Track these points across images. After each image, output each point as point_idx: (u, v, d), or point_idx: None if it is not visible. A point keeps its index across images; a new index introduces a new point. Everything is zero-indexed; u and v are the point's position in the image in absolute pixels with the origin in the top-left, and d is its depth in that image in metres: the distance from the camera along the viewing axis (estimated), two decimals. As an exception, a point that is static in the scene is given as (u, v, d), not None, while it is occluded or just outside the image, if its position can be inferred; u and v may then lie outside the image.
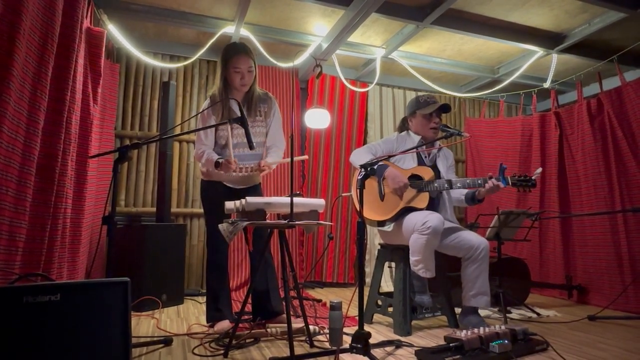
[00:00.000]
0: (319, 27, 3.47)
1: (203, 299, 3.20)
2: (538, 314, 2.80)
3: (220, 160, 2.21)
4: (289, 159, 2.05)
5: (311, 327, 2.08)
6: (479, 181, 2.33)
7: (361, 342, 1.72)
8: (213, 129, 2.31)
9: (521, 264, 3.27)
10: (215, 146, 2.35)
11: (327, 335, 2.07)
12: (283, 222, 1.89)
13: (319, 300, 3.11)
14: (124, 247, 2.90)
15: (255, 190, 2.46)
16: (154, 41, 3.71)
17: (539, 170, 2.39)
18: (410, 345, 2.01)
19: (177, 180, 3.69)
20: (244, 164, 2.28)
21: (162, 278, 2.91)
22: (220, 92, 2.31)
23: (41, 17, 1.77)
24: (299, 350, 1.92)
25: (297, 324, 2.19)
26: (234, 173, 2.29)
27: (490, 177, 2.30)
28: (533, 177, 2.32)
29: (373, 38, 3.68)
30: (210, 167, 2.26)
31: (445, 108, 2.52)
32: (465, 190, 2.50)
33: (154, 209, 3.41)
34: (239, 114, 2.08)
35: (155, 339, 2.06)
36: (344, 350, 1.82)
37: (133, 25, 3.44)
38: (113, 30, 3.24)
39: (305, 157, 2.48)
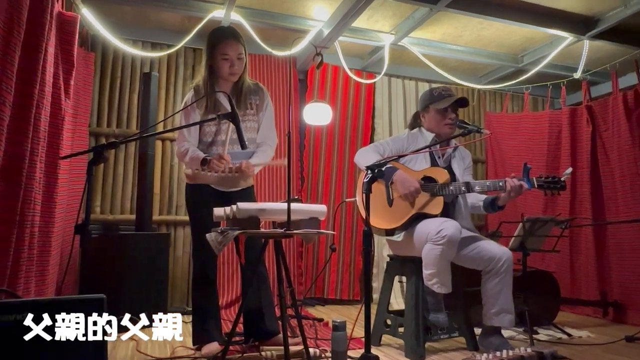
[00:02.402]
0: (319, 10, 3.47)
1: (189, 319, 3.18)
2: (569, 335, 2.79)
3: (208, 158, 2.21)
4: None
5: (311, 350, 2.08)
6: (500, 183, 2.32)
7: (368, 366, 1.72)
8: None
9: (549, 278, 3.26)
10: (200, 144, 2.35)
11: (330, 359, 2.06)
12: (279, 231, 1.89)
13: (320, 320, 3.11)
14: (100, 260, 2.89)
15: (248, 194, 2.46)
16: (133, 27, 3.72)
17: (569, 170, 2.39)
18: (424, 371, 2.00)
19: (159, 184, 3.69)
20: (234, 163, 2.29)
21: (142, 294, 2.91)
22: (205, 83, 2.31)
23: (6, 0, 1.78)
24: (297, 376, 1.92)
25: (295, 346, 2.18)
26: (222, 174, 2.30)
27: (513, 178, 2.30)
28: (562, 178, 2.32)
29: (381, 23, 3.69)
30: (195, 166, 2.26)
31: (462, 102, 2.52)
32: (484, 196, 2.49)
33: (134, 217, 3.41)
34: (228, 107, 2.09)
35: (134, 363, 2.06)
36: (349, 376, 1.82)
37: (110, 9, 3.45)
38: (87, 15, 3.25)
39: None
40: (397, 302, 3.77)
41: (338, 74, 4.16)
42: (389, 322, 2.53)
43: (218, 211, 1.95)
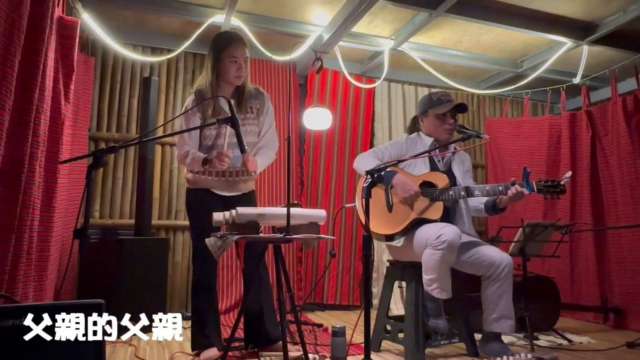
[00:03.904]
0: (319, 15, 3.49)
1: (188, 324, 3.17)
2: (569, 341, 2.79)
3: (209, 157, 2.22)
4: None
5: (310, 356, 2.07)
6: (500, 188, 2.33)
7: (367, 372, 1.71)
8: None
9: (550, 283, 3.26)
10: (200, 148, 2.37)
11: (329, 365, 2.06)
12: (279, 235, 1.89)
13: (320, 325, 3.11)
14: (98, 265, 2.90)
15: (248, 198, 2.47)
16: (133, 32, 3.73)
17: (569, 174, 2.39)
18: (424, 377, 2.00)
19: (158, 189, 3.69)
20: (234, 166, 2.30)
21: (141, 299, 2.90)
22: (212, 86, 2.33)
23: (6, 4, 1.78)
24: (296, 382, 1.91)
25: (295, 352, 2.18)
26: (222, 178, 2.31)
27: (513, 183, 2.31)
28: (562, 182, 2.33)
29: (380, 28, 3.71)
30: (197, 167, 2.28)
31: (461, 108, 2.53)
32: (485, 198, 2.50)
33: (133, 221, 3.41)
34: (228, 112, 2.10)
35: (132, 369, 2.05)
36: (348, 382, 1.81)
37: (110, 14, 3.46)
38: (87, 20, 3.27)
39: None
40: (397, 307, 3.76)
41: (338, 79, 4.17)
42: (388, 327, 2.52)
43: (217, 216, 1.95)
